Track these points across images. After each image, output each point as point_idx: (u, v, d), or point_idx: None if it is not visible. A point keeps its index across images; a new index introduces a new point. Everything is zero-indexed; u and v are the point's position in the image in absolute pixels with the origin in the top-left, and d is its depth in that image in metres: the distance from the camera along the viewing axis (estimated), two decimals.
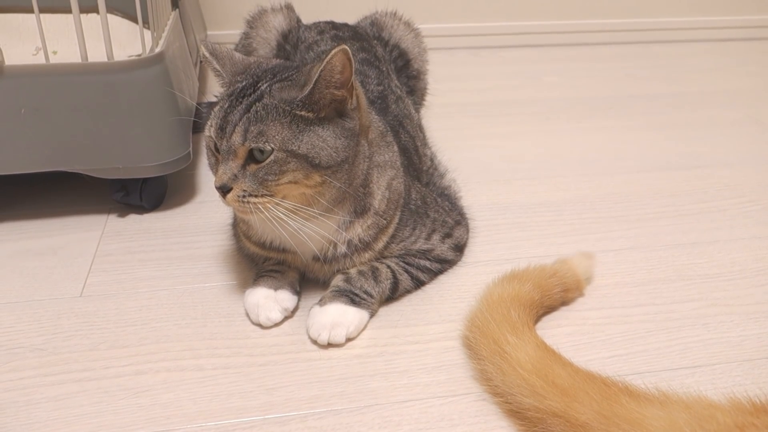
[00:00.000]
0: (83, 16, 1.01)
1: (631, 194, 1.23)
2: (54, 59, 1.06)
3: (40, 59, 1.04)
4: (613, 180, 1.28)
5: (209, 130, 0.81)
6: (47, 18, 1.04)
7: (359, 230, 0.88)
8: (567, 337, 0.86)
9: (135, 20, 1.16)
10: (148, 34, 1.10)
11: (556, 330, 0.88)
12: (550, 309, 0.90)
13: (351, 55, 0.77)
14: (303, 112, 0.78)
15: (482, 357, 0.78)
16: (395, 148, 0.95)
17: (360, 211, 0.87)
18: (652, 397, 0.68)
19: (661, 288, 0.97)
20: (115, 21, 1.27)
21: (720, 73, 1.92)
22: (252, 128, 0.77)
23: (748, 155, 1.40)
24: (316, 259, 0.90)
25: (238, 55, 0.87)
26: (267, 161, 0.78)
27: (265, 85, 0.80)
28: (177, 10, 1.35)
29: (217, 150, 0.81)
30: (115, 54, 1.04)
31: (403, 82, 1.28)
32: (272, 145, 0.77)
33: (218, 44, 0.87)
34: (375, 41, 1.27)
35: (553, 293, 0.89)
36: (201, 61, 1.35)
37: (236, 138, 0.78)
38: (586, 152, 1.40)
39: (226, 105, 0.80)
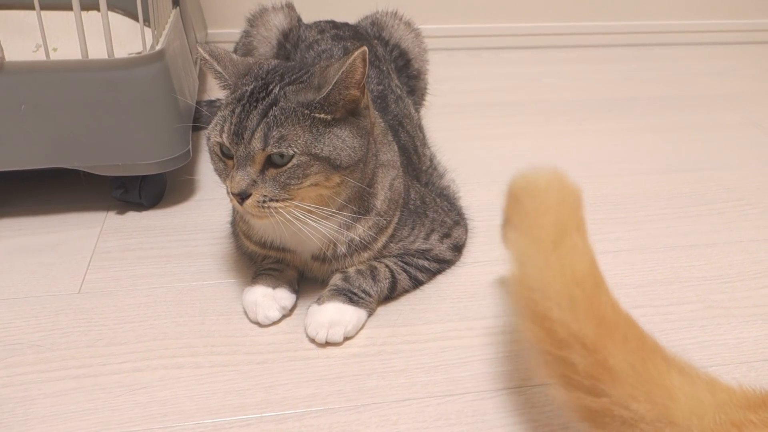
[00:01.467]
0: (83, 13, 1.01)
1: (630, 196, 1.23)
2: (54, 56, 1.06)
3: (40, 56, 1.04)
4: (612, 182, 1.28)
5: (220, 136, 0.79)
6: (47, 15, 1.04)
7: (361, 230, 0.88)
8: None
9: (135, 18, 1.16)
10: (148, 31, 1.11)
11: None
12: None
13: (367, 56, 0.77)
14: (321, 115, 0.78)
15: (530, 242, 0.64)
16: (395, 147, 0.95)
17: (363, 210, 0.87)
18: (683, 368, 0.58)
19: (658, 290, 0.97)
20: (116, 18, 1.27)
21: (720, 76, 1.92)
22: (273, 133, 0.76)
23: (747, 158, 1.40)
24: (315, 258, 0.90)
25: (235, 57, 0.87)
26: (289, 165, 0.77)
27: (277, 88, 0.79)
28: (178, 8, 1.35)
29: (225, 155, 0.80)
30: (115, 51, 1.04)
31: (403, 81, 1.28)
32: (295, 150, 0.76)
33: (215, 45, 0.87)
34: (375, 41, 1.27)
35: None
36: (200, 63, 1.35)
37: (256, 143, 0.76)
38: (585, 154, 1.40)
39: (239, 109, 0.78)
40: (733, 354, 0.85)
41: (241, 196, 0.78)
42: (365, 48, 0.76)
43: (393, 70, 1.26)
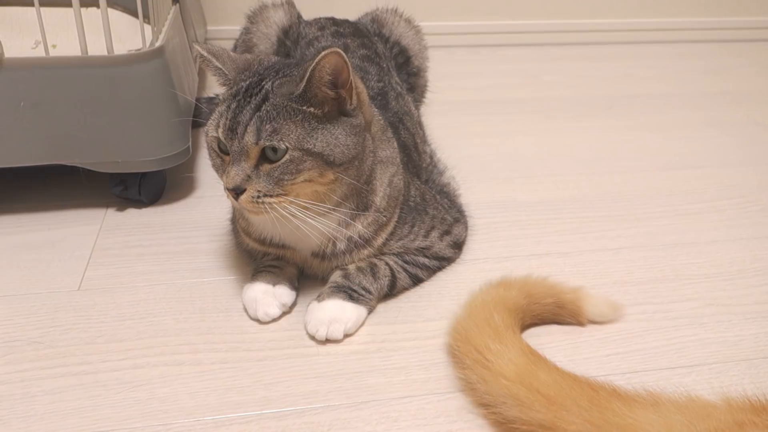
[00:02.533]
0: (83, 10, 1.01)
1: (630, 193, 1.23)
2: (53, 53, 1.05)
3: (39, 52, 1.04)
4: (612, 179, 1.28)
5: (216, 131, 0.80)
6: (46, 12, 1.04)
7: (360, 227, 0.88)
8: (564, 335, 0.87)
9: (135, 15, 1.16)
10: (148, 28, 1.10)
11: (552, 328, 0.88)
12: (540, 319, 0.87)
13: (346, 58, 0.77)
14: (310, 108, 0.78)
15: (465, 366, 0.76)
16: (395, 144, 0.95)
17: (362, 207, 0.87)
18: (644, 399, 0.65)
19: (659, 287, 0.97)
20: (115, 15, 1.27)
21: (720, 73, 1.92)
22: (266, 127, 0.77)
23: (748, 156, 1.40)
24: (315, 255, 0.90)
25: (233, 54, 0.87)
26: (282, 160, 0.77)
27: (269, 84, 0.80)
28: (177, 5, 1.35)
29: (222, 150, 0.81)
30: (115, 48, 1.04)
31: (403, 79, 1.28)
32: (287, 144, 0.77)
33: (212, 43, 0.87)
34: (376, 38, 1.27)
35: (542, 302, 0.85)
36: (198, 61, 1.34)
37: (249, 138, 0.77)
38: (585, 151, 1.40)
39: (234, 105, 0.79)
40: (734, 351, 0.85)
41: (236, 192, 0.78)
42: (337, 48, 0.75)
43: (393, 67, 1.25)
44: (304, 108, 0.78)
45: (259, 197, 0.78)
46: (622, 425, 0.61)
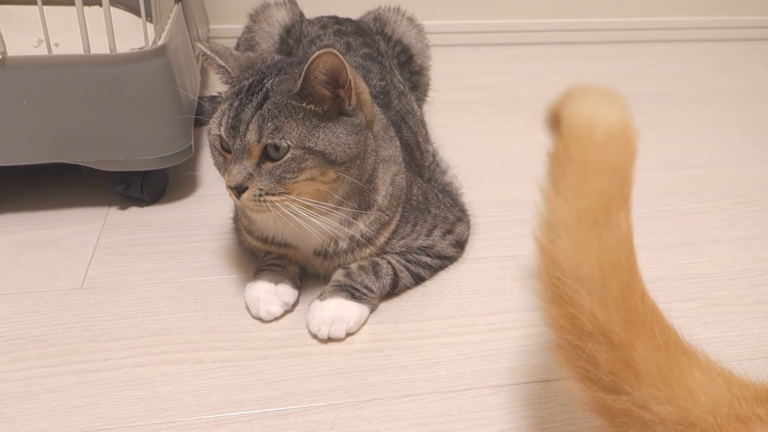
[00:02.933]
0: (85, 8, 1.01)
1: (633, 192, 1.23)
2: (55, 51, 1.05)
3: (42, 51, 1.04)
4: None
5: (218, 129, 0.80)
6: (49, 10, 1.04)
7: (362, 226, 0.88)
8: None
9: (137, 13, 1.16)
10: (150, 27, 1.10)
11: None
12: None
13: (343, 59, 0.77)
14: (310, 106, 0.78)
15: (569, 210, 0.57)
16: (397, 143, 0.95)
17: (364, 206, 0.87)
18: (703, 364, 0.55)
19: (661, 286, 0.97)
20: (118, 14, 1.27)
21: (723, 73, 1.92)
22: (268, 124, 0.77)
23: (750, 155, 1.39)
24: (317, 254, 0.90)
25: (236, 52, 0.87)
26: (284, 159, 0.78)
27: (270, 82, 0.80)
28: (180, 3, 1.35)
29: (224, 149, 0.81)
30: (117, 47, 1.04)
31: (405, 77, 1.27)
32: (289, 142, 0.77)
33: (214, 41, 0.87)
34: (378, 36, 1.26)
35: None
36: (201, 59, 1.34)
37: (251, 135, 0.77)
38: None
39: (236, 103, 0.79)
40: (736, 351, 0.85)
41: (238, 190, 0.78)
42: (331, 49, 0.75)
43: (395, 65, 1.25)
44: (304, 105, 0.78)
45: (261, 195, 0.78)
46: (683, 384, 0.52)
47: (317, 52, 0.75)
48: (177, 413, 0.74)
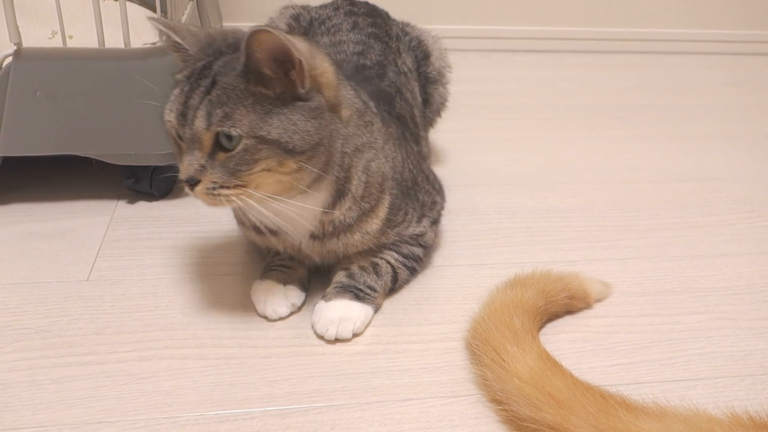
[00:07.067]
0: (100, 2, 1.02)
1: (640, 204, 1.23)
2: (69, 44, 1.06)
3: (57, 42, 1.04)
4: (623, 189, 1.28)
5: (168, 115, 0.75)
6: (64, 1, 1.04)
7: (337, 213, 0.85)
8: (570, 344, 0.86)
9: (151, 8, 1.17)
10: None
11: (560, 336, 0.88)
12: (554, 316, 0.90)
13: (284, 36, 0.70)
14: (259, 88, 0.73)
15: (483, 363, 0.78)
16: (375, 127, 0.88)
17: (338, 194, 0.84)
18: (650, 410, 0.67)
19: (666, 299, 0.96)
20: (132, 9, 1.27)
21: (734, 86, 1.91)
22: (216, 111, 0.71)
23: (759, 170, 1.39)
24: (313, 237, 0.87)
25: (194, 28, 0.80)
26: (237, 150, 0.72)
27: (220, 63, 0.74)
28: (194, 0, 1.36)
29: (180, 138, 0.76)
30: (131, 41, 1.04)
31: (421, 83, 1.21)
32: (239, 131, 0.72)
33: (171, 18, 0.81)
34: (393, 23, 1.21)
35: (557, 299, 0.88)
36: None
37: (199, 123, 0.72)
38: (596, 160, 1.40)
39: (186, 87, 0.74)
40: (740, 366, 0.84)
41: (190, 183, 0.74)
42: (264, 27, 0.69)
43: (408, 53, 1.19)
44: (252, 88, 0.72)
45: (214, 189, 0.74)
46: None
47: (251, 29, 0.69)
48: (180, 408, 0.75)
